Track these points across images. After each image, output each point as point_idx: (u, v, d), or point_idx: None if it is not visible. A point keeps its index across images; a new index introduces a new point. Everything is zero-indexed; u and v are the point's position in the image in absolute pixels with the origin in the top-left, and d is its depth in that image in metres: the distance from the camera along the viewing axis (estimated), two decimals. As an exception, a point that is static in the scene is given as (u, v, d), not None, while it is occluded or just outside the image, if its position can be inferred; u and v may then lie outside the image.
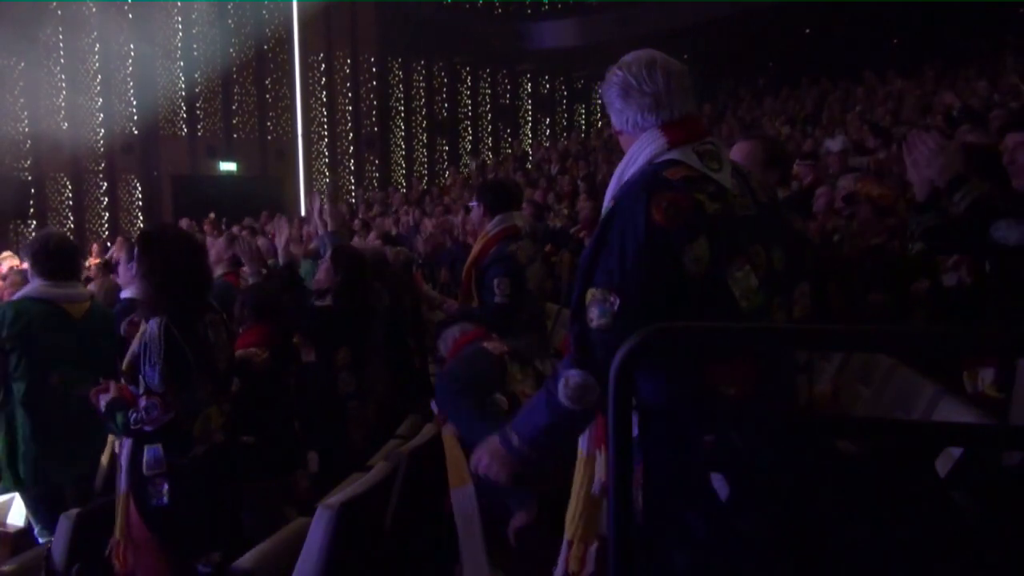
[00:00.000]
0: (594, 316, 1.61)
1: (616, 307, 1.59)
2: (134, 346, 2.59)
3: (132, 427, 2.51)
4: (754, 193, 1.76)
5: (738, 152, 2.99)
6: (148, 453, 2.53)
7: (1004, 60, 11.61)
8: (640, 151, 1.76)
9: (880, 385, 3.29)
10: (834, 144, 8.49)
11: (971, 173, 2.63)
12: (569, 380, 1.61)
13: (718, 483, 1.48)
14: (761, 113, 13.81)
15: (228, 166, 17.73)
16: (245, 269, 4.08)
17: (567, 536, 1.89)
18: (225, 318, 2.82)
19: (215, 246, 4.74)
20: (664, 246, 1.61)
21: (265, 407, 3.35)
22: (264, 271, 3.99)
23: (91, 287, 4.79)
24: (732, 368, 1.57)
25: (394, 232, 9.23)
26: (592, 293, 1.63)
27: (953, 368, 2.86)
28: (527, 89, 21.63)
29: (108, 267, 7.22)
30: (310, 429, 3.68)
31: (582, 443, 1.86)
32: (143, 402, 2.49)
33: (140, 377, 2.51)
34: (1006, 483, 1.29)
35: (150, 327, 2.54)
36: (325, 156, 18.79)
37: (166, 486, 2.54)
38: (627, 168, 1.78)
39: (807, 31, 15.98)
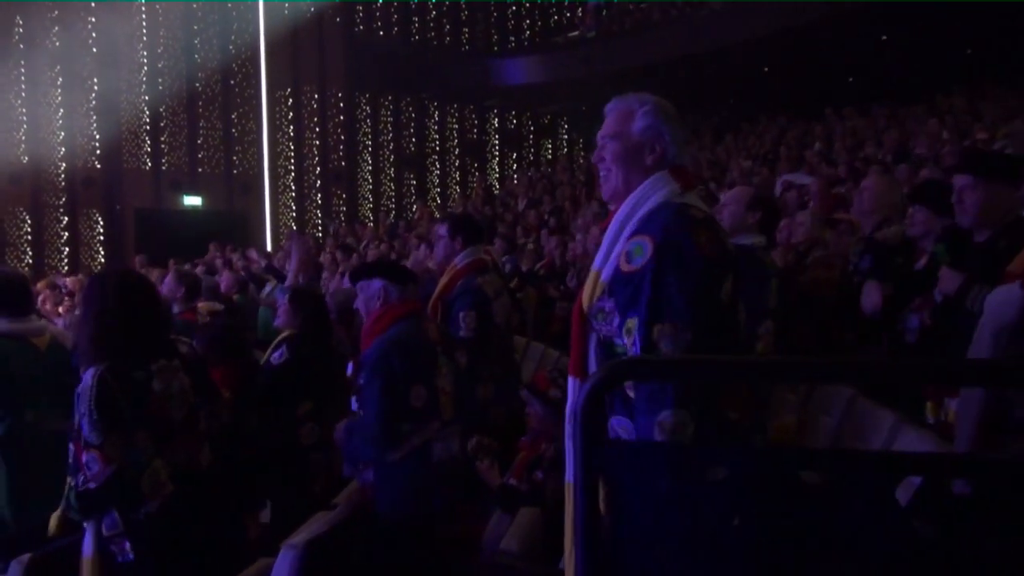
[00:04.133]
0: (668, 351, 1.65)
1: (689, 340, 1.65)
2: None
3: (79, 490, 2.39)
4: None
5: (730, 195, 3.39)
6: (105, 517, 2.45)
7: (952, 101, 12.04)
8: (653, 190, 1.84)
9: (842, 416, 3.34)
10: (800, 178, 8.71)
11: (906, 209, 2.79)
12: (664, 424, 1.62)
13: (685, 514, 1.49)
14: (722, 149, 14.10)
15: (193, 200, 17.57)
16: (202, 305, 4.01)
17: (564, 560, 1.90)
18: (184, 363, 2.69)
19: (165, 284, 4.62)
20: (716, 277, 1.72)
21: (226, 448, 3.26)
22: (222, 307, 3.92)
23: (59, 322, 4.69)
24: (736, 394, 1.62)
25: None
26: (659, 329, 1.66)
27: (916, 399, 2.92)
28: (494, 124, 21.87)
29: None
30: (268, 480, 3.52)
31: (569, 471, 1.86)
32: (84, 457, 2.38)
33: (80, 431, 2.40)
34: (962, 509, 1.32)
35: (84, 377, 2.43)
36: (292, 190, 18.73)
37: (127, 544, 2.45)
38: (639, 206, 1.84)
39: (765, 69, 16.42)
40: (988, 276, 2.48)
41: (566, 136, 22.88)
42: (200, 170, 17.70)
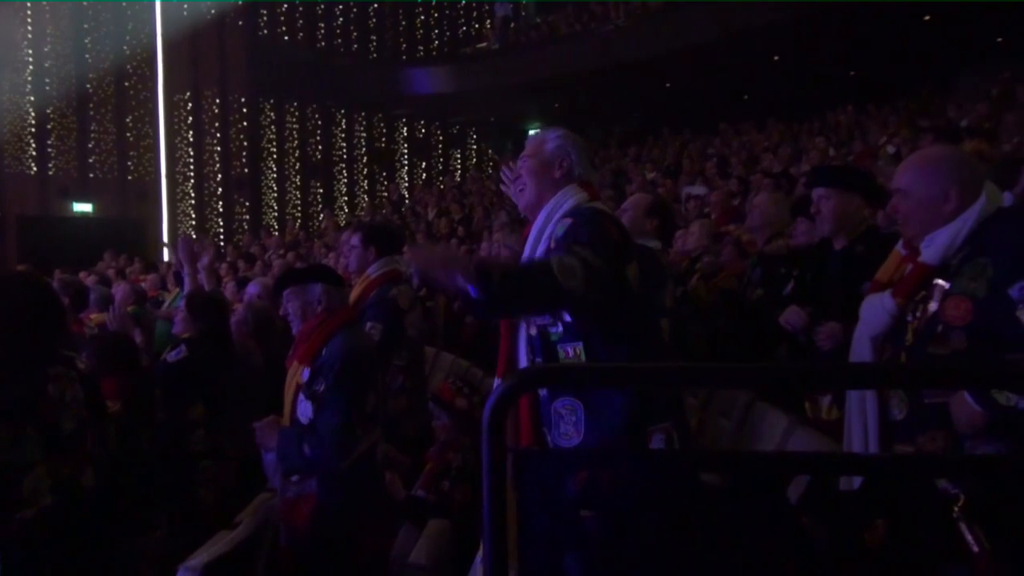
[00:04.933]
0: (579, 266, 1.92)
1: (599, 269, 1.94)
2: None
3: None
4: None
5: (629, 201, 3.63)
6: None
7: (839, 119, 12.76)
8: (565, 199, 2.17)
9: (740, 418, 3.47)
10: (696, 190, 9.04)
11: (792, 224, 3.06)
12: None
13: (589, 522, 1.52)
14: (627, 160, 14.47)
15: (83, 207, 16.68)
16: (92, 316, 3.80)
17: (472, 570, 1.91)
18: (80, 377, 2.57)
19: None
20: (622, 249, 2.06)
21: (117, 464, 3.10)
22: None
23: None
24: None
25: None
26: (577, 247, 1.97)
27: (798, 399, 3.11)
28: (403, 133, 21.73)
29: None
30: (158, 492, 3.35)
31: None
32: None
33: None
34: (847, 506, 1.40)
35: None
36: (191, 197, 18.05)
37: None
38: (554, 212, 2.16)
39: (667, 85, 16.97)
40: (850, 281, 2.74)
41: (475, 146, 22.98)
42: (91, 176, 16.85)
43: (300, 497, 2.76)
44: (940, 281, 1.94)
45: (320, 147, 20.15)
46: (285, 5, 19.30)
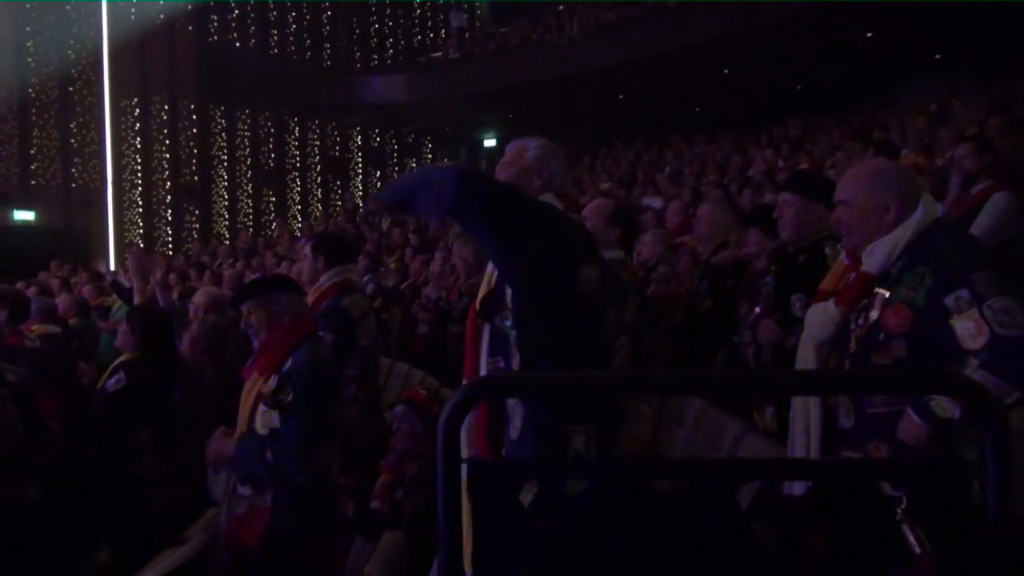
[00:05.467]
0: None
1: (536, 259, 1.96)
2: None
3: None
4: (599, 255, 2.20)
5: (590, 207, 3.49)
6: None
7: (787, 131, 13.07)
8: None
9: (693, 426, 3.52)
10: (654, 202, 9.15)
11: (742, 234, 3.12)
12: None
13: (543, 529, 1.52)
14: (582, 170, 14.60)
15: (25, 215, 16.15)
16: (35, 328, 3.67)
17: None
18: (12, 392, 2.47)
19: None
20: (585, 248, 2.07)
21: (59, 484, 2.98)
22: (59, 331, 3.61)
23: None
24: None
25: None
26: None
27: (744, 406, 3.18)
28: (357, 142, 21.57)
29: None
30: (105, 517, 3.25)
31: None
32: None
33: None
34: (797, 510, 1.43)
35: None
36: (139, 205, 17.62)
37: None
38: None
39: (620, 96, 17.19)
40: (784, 288, 2.88)
41: (430, 155, 22.92)
42: (33, 182, 16.33)
43: (252, 511, 2.70)
44: (881, 290, 2.01)
45: (273, 155, 19.88)
46: (236, 11, 19.03)
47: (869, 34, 13.48)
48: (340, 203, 18.08)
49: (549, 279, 1.99)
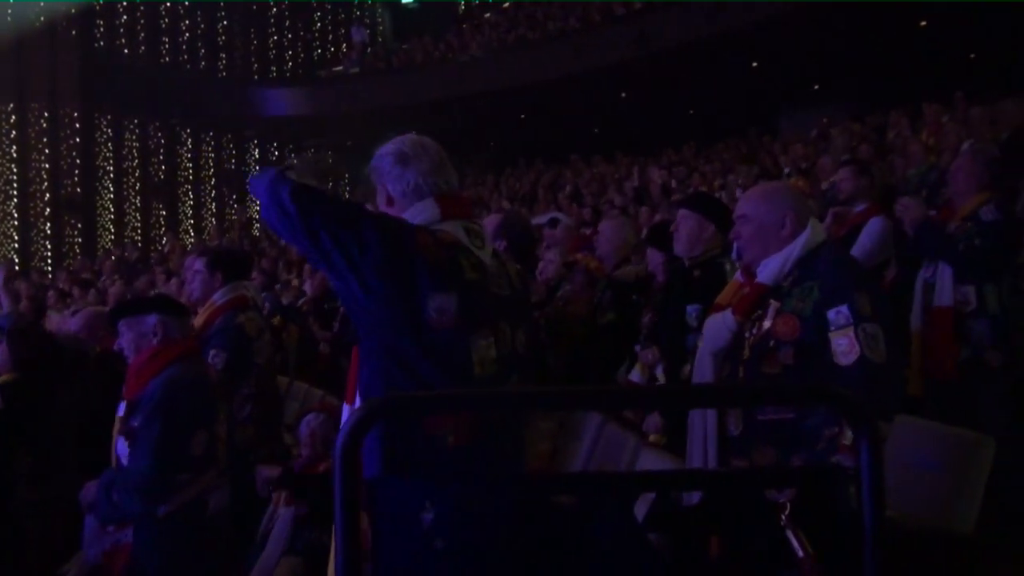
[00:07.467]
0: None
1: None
2: None
3: None
4: (510, 277, 1.93)
5: (488, 222, 3.42)
6: None
7: (682, 154, 13.60)
8: (413, 219, 1.83)
9: (593, 441, 3.58)
10: (541, 218, 9.28)
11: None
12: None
13: (441, 545, 1.51)
14: (485, 189, 14.70)
15: None
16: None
17: None
18: None
19: None
20: (407, 269, 1.71)
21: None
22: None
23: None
24: (450, 418, 1.68)
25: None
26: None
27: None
28: (254, 155, 20.98)
29: None
30: None
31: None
32: None
33: None
34: (690, 520, 1.48)
35: None
36: (14, 218, 16.50)
37: None
38: None
39: (522, 116, 17.44)
40: (679, 299, 3.02)
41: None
42: None
43: (116, 549, 2.56)
44: (773, 301, 2.15)
45: (164, 167, 19.05)
46: (125, 16, 18.22)
47: (754, 64, 14.25)
48: (235, 216, 17.49)
49: (386, 309, 1.74)
